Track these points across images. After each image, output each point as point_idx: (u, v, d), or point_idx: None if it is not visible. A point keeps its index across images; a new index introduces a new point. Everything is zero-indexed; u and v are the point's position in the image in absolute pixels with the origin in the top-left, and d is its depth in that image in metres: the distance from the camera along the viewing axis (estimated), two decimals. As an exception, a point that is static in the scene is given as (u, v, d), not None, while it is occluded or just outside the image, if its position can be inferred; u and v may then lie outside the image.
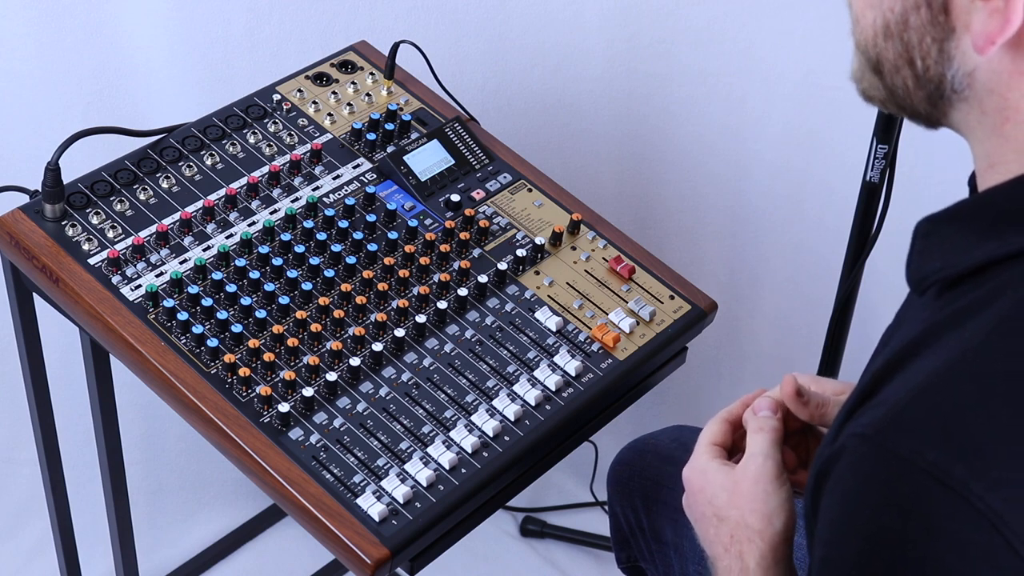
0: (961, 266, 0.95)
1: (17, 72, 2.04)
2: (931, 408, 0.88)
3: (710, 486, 1.19)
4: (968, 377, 0.88)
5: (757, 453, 1.18)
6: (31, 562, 2.20)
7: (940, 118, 0.98)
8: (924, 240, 1.00)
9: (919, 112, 0.99)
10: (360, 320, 1.51)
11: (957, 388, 0.88)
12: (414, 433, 1.42)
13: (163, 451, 2.28)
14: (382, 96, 1.75)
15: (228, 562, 2.27)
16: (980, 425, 0.86)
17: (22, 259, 1.53)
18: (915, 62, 0.94)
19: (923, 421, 0.88)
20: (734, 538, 1.15)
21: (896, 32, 0.94)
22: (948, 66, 0.93)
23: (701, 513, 1.19)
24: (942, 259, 0.97)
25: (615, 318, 1.56)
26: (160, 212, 1.57)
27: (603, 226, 1.67)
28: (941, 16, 0.91)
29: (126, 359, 1.48)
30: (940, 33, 0.92)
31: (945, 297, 0.96)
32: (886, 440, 0.88)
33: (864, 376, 1.02)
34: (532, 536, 2.33)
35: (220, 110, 1.69)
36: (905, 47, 0.94)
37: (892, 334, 1.07)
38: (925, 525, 0.86)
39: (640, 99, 2.22)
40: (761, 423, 1.20)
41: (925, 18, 0.92)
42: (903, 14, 0.93)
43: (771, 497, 1.15)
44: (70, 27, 2.02)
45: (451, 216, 1.63)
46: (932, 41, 0.92)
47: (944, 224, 0.99)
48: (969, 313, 0.92)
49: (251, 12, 2.07)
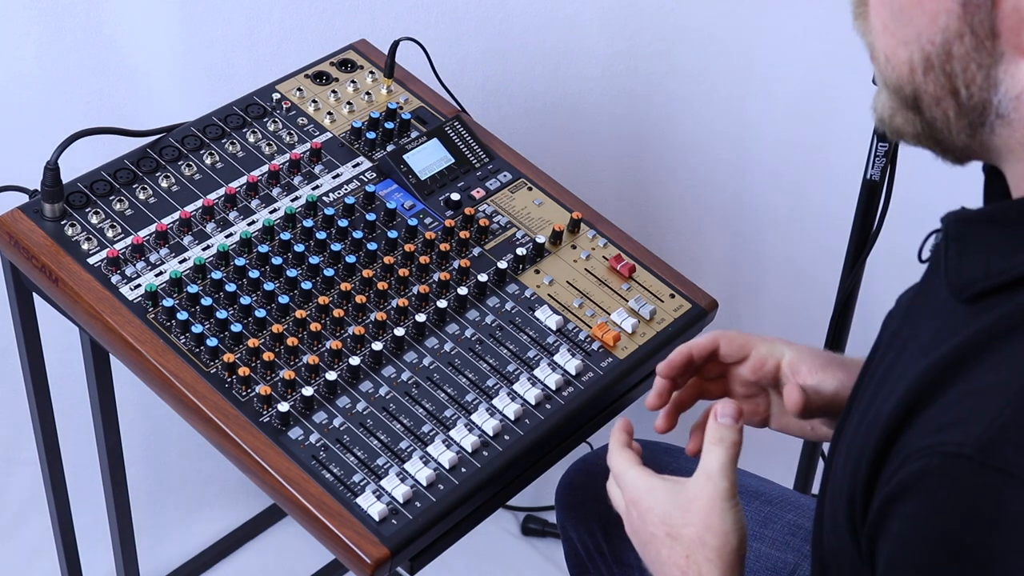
0: (1008, 275, 0.92)
1: (17, 72, 2.04)
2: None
3: (660, 505, 1.16)
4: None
5: (714, 472, 1.14)
6: (32, 562, 2.20)
7: (975, 147, 0.96)
8: (959, 243, 0.97)
9: (954, 145, 0.96)
10: (360, 319, 1.51)
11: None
12: (414, 432, 1.42)
13: (163, 451, 2.28)
14: (382, 95, 1.75)
15: (228, 562, 2.27)
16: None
17: (22, 259, 1.53)
18: (959, 91, 0.92)
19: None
20: (691, 558, 1.13)
21: (938, 64, 0.92)
22: (995, 91, 0.91)
23: (651, 534, 1.16)
24: (986, 266, 0.94)
25: (615, 317, 1.56)
26: (160, 211, 1.57)
27: (603, 225, 1.67)
28: (988, 41, 0.90)
29: (126, 359, 1.48)
30: (987, 59, 0.90)
31: (983, 303, 0.94)
32: (989, 459, 0.85)
33: (891, 380, 0.99)
34: (533, 535, 2.33)
35: (220, 109, 1.69)
36: (948, 78, 0.92)
37: (903, 327, 1.05)
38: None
39: (640, 98, 2.21)
40: (721, 434, 1.16)
41: (970, 45, 0.90)
42: (945, 44, 0.91)
43: (727, 515, 1.13)
44: (70, 27, 2.02)
45: (451, 215, 1.63)
46: (978, 68, 0.91)
47: (982, 226, 0.96)
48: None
49: (251, 11, 2.07)
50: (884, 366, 1.03)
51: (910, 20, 0.92)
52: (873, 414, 0.98)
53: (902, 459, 0.91)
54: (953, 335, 0.93)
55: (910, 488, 0.90)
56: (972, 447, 0.86)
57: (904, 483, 0.90)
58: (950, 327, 0.95)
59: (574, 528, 1.59)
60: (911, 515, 0.90)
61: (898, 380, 0.97)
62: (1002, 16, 0.89)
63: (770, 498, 1.54)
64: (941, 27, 0.91)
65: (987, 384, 0.89)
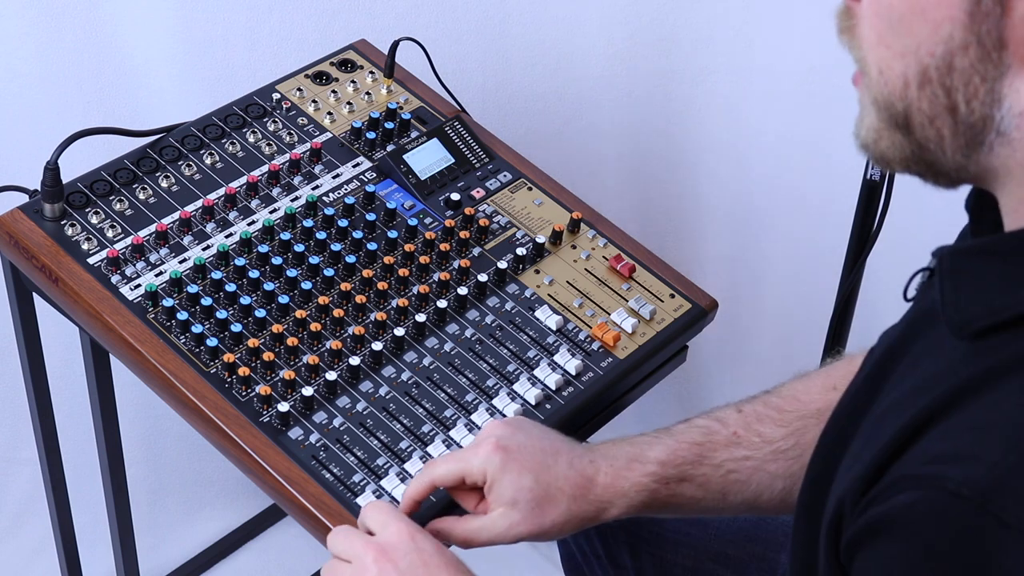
0: (1011, 312, 0.88)
1: (17, 72, 2.04)
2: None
3: None
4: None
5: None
6: (32, 562, 2.20)
7: (971, 169, 0.92)
8: (955, 278, 0.93)
9: (946, 168, 0.92)
10: (360, 319, 1.51)
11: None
12: (414, 432, 1.42)
13: (163, 451, 2.28)
14: (382, 95, 1.75)
15: (228, 562, 2.27)
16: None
17: (22, 259, 1.53)
18: (958, 107, 0.88)
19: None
20: None
21: (936, 77, 0.88)
22: (998, 107, 0.87)
23: None
24: (987, 303, 0.90)
25: (615, 317, 1.56)
26: (159, 211, 1.57)
27: (603, 224, 1.67)
28: (995, 53, 0.86)
29: (126, 359, 1.48)
30: (992, 71, 0.86)
31: (985, 340, 0.90)
32: (989, 503, 0.81)
33: (885, 412, 0.96)
34: (533, 535, 2.33)
35: (219, 109, 1.69)
36: (947, 92, 0.88)
37: (896, 365, 1.01)
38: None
39: (640, 97, 2.21)
40: None
41: (975, 57, 0.86)
42: (947, 56, 0.87)
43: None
44: (70, 27, 2.02)
45: (451, 215, 1.63)
46: (982, 81, 0.87)
47: (977, 261, 0.92)
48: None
49: (251, 11, 2.07)
50: (882, 406, 0.99)
51: (910, 30, 0.88)
52: (873, 450, 0.93)
53: (892, 481, 0.88)
54: (955, 374, 0.90)
55: (898, 521, 0.86)
56: (971, 489, 0.82)
57: (892, 514, 0.86)
58: (951, 365, 0.92)
59: None
60: (896, 556, 0.86)
61: (894, 419, 0.93)
62: (1012, 25, 0.85)
63: None
64: (944, 37, 0.87)
65: (989, 422, 0.85)
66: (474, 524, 1.27)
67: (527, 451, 1.26)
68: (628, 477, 1.27)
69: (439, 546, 1.19)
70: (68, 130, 1.55)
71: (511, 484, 1.24)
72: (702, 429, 1.32)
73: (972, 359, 0.90)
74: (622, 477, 1.27)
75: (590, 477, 1.27)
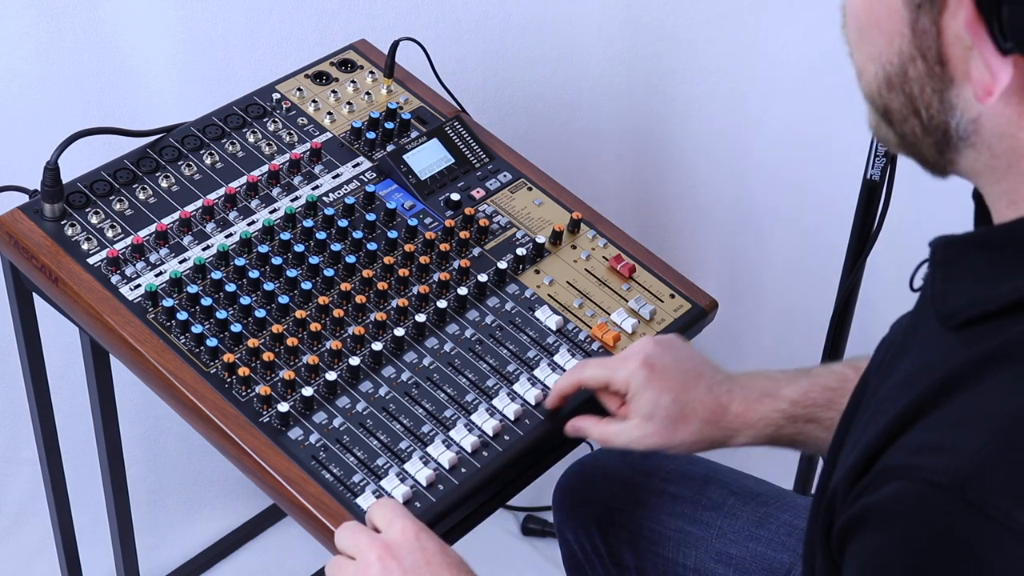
0: (994, 304, 0.90)
1: (17, 72, 2.04)
2: (1019, 464, 0.83)
3: None
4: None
5: None
6: (32, 562, 2.20)
7: (947, 166, 0.95)
8: (945, 268, 0.95)
9: (928, 159, 0.96)
10: (360, 319, 1.51)
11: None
12: (414, 432, 1.42)
13: (163, 451, 2.28)
14: (382, 95, 1.75)
15: (228, 562, 2.27)
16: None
17: (21, 259, 1.53)
18: (920, 111, 0.92)
19: (1012, 477, 0.83)
20: None
21: (897, 84, 0.92)
22: (951, 115, 0.91)
23: None
24: (971, 294, 0.92)
25: (615, 317, 1.56)
26: (159, 211, 1.57)
27: (603, 225, 1.67)
28: (937, 67, 0.89)
29: (126, 359, 1.48)
30: (939, 84, 0.90)
31: (970, 331, 0.92)
32: (967, 493, 0.83)
33: (880, 402, 0.98)
34: (533, 535, 2.33)
35: (219, 109, 1.69)
36: (908, 98, 0.92)
37: (896, 355, 1.03)
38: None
39: (640, 97, 2.21)
40: None
41: (922, 69, 0.90)
42: (901, 66, 0.91)
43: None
44: (70, 27, 2.02)
45: (451, 215, 1.63)
46: (932, 91, 0.91)
47: (969, 251, 0.95)
48: (1021, 349, 0.87)
49: (251, 12, 2.07)
50: (879, 395, 1.01)
51: (871, 39, 0.93)
52: (865, 441, 0.96)
53: (878, 472, 0.89)
54: (941, 364, 0.92)
55: (881, 512, 0.88)
56: (950, 479, 0.84)
57: (876, 504, 0.88)
58: (939, 355, 0.93)
59: (571, 530, 1.59)
60: (879, 546, 0.88)
61: (887, 410, 0.94)
62: (947, 43, 0.88)
63: (767, 498, 1.54)
64: (896, 49, 0.91)
65: (972, 414, 0.87)
66: (612, 428, 1.37)
67: (671, 371, 1.35)
68: (759, 410, 1.35)
69: (443, 545, 1.21)
70: (68, 130, 1.55)
71: (650, 400, 1.34)
72: (838, 375, 1.37)
73: (958, 350, 0.92)
74: (753, 409, 1.35)
75: (724, 405, 1.35)
